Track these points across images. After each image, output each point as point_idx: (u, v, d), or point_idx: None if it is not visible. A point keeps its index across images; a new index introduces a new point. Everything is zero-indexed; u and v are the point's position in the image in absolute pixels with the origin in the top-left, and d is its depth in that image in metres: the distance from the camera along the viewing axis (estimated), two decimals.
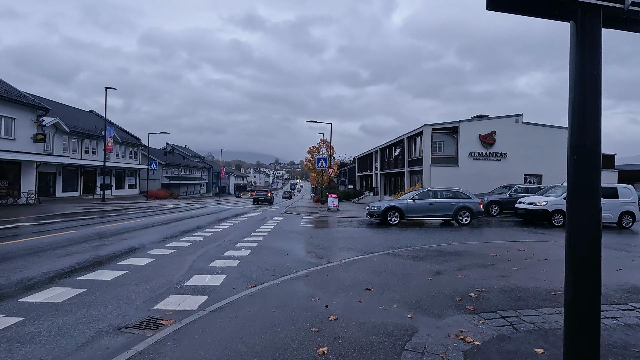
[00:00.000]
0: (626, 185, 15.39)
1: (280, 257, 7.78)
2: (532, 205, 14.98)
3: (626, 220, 14.72)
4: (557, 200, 14.62)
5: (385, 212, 14.38)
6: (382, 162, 37.67)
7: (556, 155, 24.77)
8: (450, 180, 24.13)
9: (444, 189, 15.72)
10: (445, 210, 14.63)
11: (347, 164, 78.37)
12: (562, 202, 14.38)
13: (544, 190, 16.60)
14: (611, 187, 15.08)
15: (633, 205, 14.83)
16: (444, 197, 14.96)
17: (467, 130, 24.51)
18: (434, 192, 15.25)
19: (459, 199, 14.86)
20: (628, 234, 13.23)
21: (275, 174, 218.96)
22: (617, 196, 14.73)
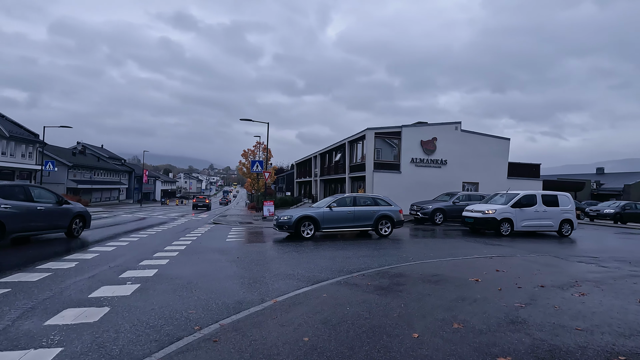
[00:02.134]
0: (565, 193, 15.36)
1: (181, 296, 5.12)
2: (480, 213, 14.18)
3: (565, 228, 14.62)
4: (504, 208, 13.99)
5: (297, 223, 11.60)
6: (321, 167, 36.04)
7: (491, 163, 25.32)
8: (392, 187, 23.13)
9: (363, 195, 13.55)
10: (365, 219, 12.48)
11: (285, 171, 76.05)
12: (510, 211, 13.92)
13: (489, 198, 16.01)
14: (552, 194, 14.92)
15: (572, 214, 14.83)
16: (364, 205, 12.77)
17: (409, 136, 23.85)
18: (352, 199, 12.83)
19: (379, 207, 12.83)
20: (568, 241, 12.94)
21: (209, 179, 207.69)
22: (557, 204, 14.57)
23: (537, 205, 14.22)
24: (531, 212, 14.11)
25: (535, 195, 14.51)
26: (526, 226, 14.08)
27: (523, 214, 13.94)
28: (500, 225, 13.71)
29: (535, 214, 14.15)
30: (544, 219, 14.26)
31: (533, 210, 14.13)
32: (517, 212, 13.90)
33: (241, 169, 38.39)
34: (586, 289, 5.47)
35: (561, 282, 5.94)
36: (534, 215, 14.14)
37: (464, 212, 15.34)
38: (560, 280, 6.02)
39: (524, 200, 14.17)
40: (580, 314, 4.26)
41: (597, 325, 3.91)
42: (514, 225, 13.79)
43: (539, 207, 14.20)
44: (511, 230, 13.81)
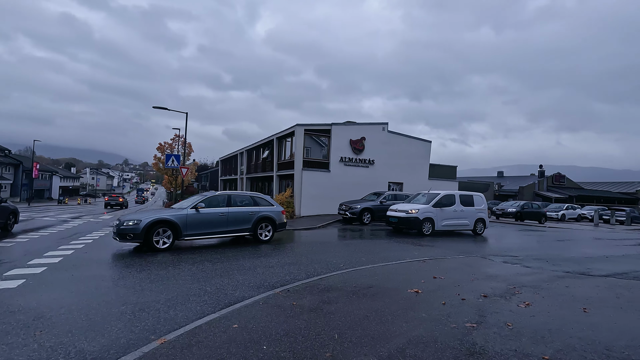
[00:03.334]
0: (479, 194, 15.89)
1: (11, 345, 3.38)
2: (404, 213, 13.93)
3: (479, 227, 15.09)
4: (427, 208, 13.95)
5: (149, 230, 8.71)
6: (248, 165, 34.09)
7: (415, 164, 26.25)
8: (322, 185, 22.49)
9: (239, 193, 11.03)
10: (242, 222, 10.31)
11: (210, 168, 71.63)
12: (432, 210, 13.91)
13: (411, 198, 16.02)
14: (469, 195, 15.34)
15: (485, 213, 15.40)
16: (241, 205, 10.58)
17: (339, 134, 23.46)
18: (226, 197, 10.41)
19: (259, 208, 10.81)
20: (483, 240, 13.39)
21: (122, 176, 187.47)
22: (473, 204, 15.04)
23: (455, 205, 14.50)
24: (450, 212, 14.32)
25: (454, 195, 14.78)
26: (446, 225, 14.23)
27: (443, 213, 14.10)
28: (423, 225, 13.63)
29: (454, 213, 14.40)
30: (461, 219, 14.61)
31: (452, 210, 14.37)
32: (438, 211, 14.00)
33: (156, 164, 34.44)
34: (528, 296, 5.07)
35: (500, 289, 5.51)
36: (453, 215, 14.37)
37: (388, 211, 15.01)
38: (499, 288, 5.59)
39: (444, 200, 14.34)
40: (538, 334, 3.68)
41: (561, 350, 3.31)
42: (435, 224, 13.86)
43: (458, 207, 14.51)
44: (432, 229, 13.83)
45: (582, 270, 7.32)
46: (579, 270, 7.32)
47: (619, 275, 6.73)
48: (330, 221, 18.35)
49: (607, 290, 5.43)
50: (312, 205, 21.99)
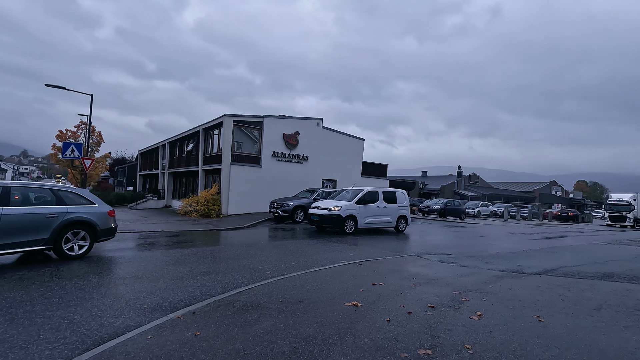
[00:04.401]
0: (402, 190, 15.59)
1: None
2: (326, 210, 12.95)
3: (401, 224, 14.73)
4: (350, 205, 13.11)
5: None
6: (171, 158, 30.94)
7: (348, 161, 26.08)
8: (252, 181, 21.00)
9: (29, 184, 7.18)
10: (30, 231, 6.52)
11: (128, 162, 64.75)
12: (355, 207, 13.15)
13: (336, 194, 15.09)
14: (392, 191, 14.88)
15: (407, 210, 15.10)
16: (29, 203, 6.82)
17: (271, 128, 22.15)
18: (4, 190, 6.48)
19: (65, 207, 7.12)
20: (403, 237, 12.99)
21: (19, 169, 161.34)
22: (396, 200, 14.66)
23: (379, 201, 13.95)
24: (373, 209, 13.70)
25: (377, 191, 14.22)
26: (369, 223, 13.56)
27: (366, 210, 13.44)
28: (345, 223, 12.79)
29: (377, 210, 13.82)
30: (384, 216, 14.07)
31: (375, 207, 13.77)
32: (361, 208, 13.30)
33: (55, 154, 29.37)
34: (476, 304, 4.50)
35: (446, 296, 4.90)
36: (376, 212, 13.78)
37: (310, 209, 13.89)
38: (444, 294, 4.98)
39: (368, 197, 13.72)
40: (501, 358, 2.98)
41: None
42: (357, 222, 13.12)
43: (381, 204, 13.98)
44: (355, 227, 13.05)
45: (515, 268, 7.21)
46: (511, 268, 7.20)
47: (549, 272, 6.68)
48: (261, 220, 17.04)
49: (549, 291, 5.14)
50: (241, 202, 20.40)
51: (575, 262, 8.23)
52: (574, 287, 5.41)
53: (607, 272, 6.75)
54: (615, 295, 4.89)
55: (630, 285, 5.50)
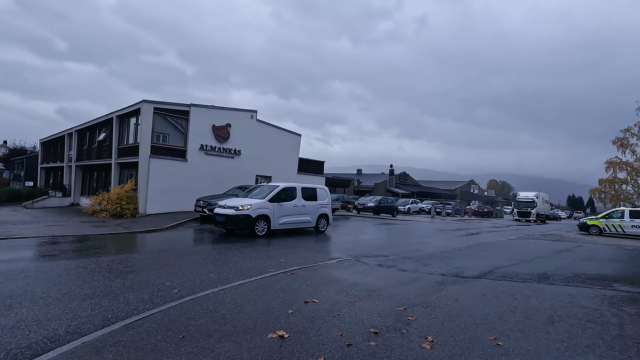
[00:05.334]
0: (323, 186, 14.58)
1: None
2: (233, 210, 11.34)
3: (322, 224, 13.60)
4: (261, 203, 11.62)
5: None
6: (79, 149, 26.85)
7: (284, 157, 25.01)
8: (176, 177, 18.85)
9: None
10: None
11: (29, 152, 55.70)
12: (267, 206, 11.69)
13: (248, 191, 13.43)
14: (312, 188, 13.69)
15: (328, 208, 14.03)
16: None
17: (199, 118, 20.13)
18: None
19: None
20: (323, 239, 11.93)
21: None
22: (316, 198, 13.48)
23: (296, 199, 12.63)
24: (290, 207, 12.35)
25: (295, 188, 12.83)
26: (285, 223, 12.22)
27: (282, 209, 12.07)
28: (256, 224, 11.33)
29: (294, 209, 12.49)
30: (302, 215, 12.80)
31: (292, 205, 12.42)
32: (276, 207, 11.89)
33: None
34: (424, 324, 3.82)
35: (390, 314, 4.17)
36: (292, 211, 12.43)
37: (215, 208, 12.13)
38: (387, 312, 4.25)
39: (284, 194, 12.32)
40: None
41: None
42: (271, 222, 11.72)
43: (299, 202, 12.67)
44: (268, 229, 11.62)
45: (454, 271, 6.88)
46: (450, 271, 6.85)
47: (488, 275, 6.43)
48: (184, 220, 15.20)
49: (495, 300, 4.72)
50: (163, 200, 18.16)
51: (507, 261, 8.26)
52: (518, 293, 5.09)
53: (541, 272, 6.72)
54: (560, 302, 4.61)
55: (568, 289, 5.36)
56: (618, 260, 8.92)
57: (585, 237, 18.17)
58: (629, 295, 4.90)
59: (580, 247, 12.48)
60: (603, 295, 4.94)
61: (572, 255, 9.90)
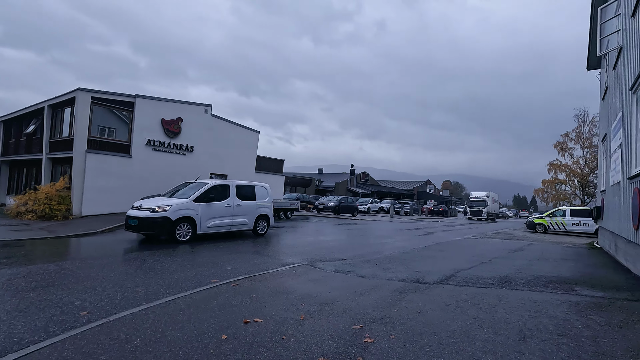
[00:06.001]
0: (263, 184, 13.19)
1: None
2: (148, 212, 9.71)
3: (261, 226, 12.35)
4: (183, 204, 10.10)
5: None
6: (5, 142, 23.82)
7: (241, 155, 23.85)
8: (119, 175, 17.13)
9: None
10: None
11: None
12: (192, 207, 10.20)
13: (174, 190, 11.58)
14: (249, 186, 12.36)
15: (269, 208, 12.74)
16: None
17: (146, 111, 18.46)
18: None
19: None
20: (262, 243, 10.80)
21: None
22: (254, 197, 12.17)
23: (229, 198, 11.27)
24: (221, 208, 10.96)
25: (228, 186, 11.46)
26: (215, 226, 10.80)
27: (211, 210, 10.65)
28: (177, 228, 9.83)
29: (226, 209, 11.11)
30: (237, 216, 11.46)
31: (224, 205, 11.04)
32: (203, 208, 10.45)
33: None
34: (383, 348, 3.23)
35: (344, 335, 3.54)
36: (225, 212, 11.06)
37: (129, 210, 10.44)
38: (340, 333, 3.62)
39: (214, 193, 10.91)
40: None
41: None
42: (197, 226, 10.27)
43: (232, 201, 11.32)
44: (193, 233, 10.16)
45: (414, 275, 6.44)
46: (411, 275, 6.41)
47: (450, 280, 6.04)
48: (124, 222, 13.69)
49: (460, 311, 4.27)
50: (102, 200, 16.38)
51: (467, 263, 8.03)
52: (483, 301, 4.69)
53: (502, 275, 6.48)
54: (528, 312, 4.26)
55: (533, 295, 5.07)
56: (569, 260, 9.06)
57: (533, 235, 18.99)
58: (593, 301, 4.69)
59: (531, 245, 12.79)
60: (568, 301, 4.69)
61: (527, 254, 9.98)
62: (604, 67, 12.56)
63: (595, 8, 11.87)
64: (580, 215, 21.43)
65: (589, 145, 47.33)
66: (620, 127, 8.31)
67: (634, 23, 7.09)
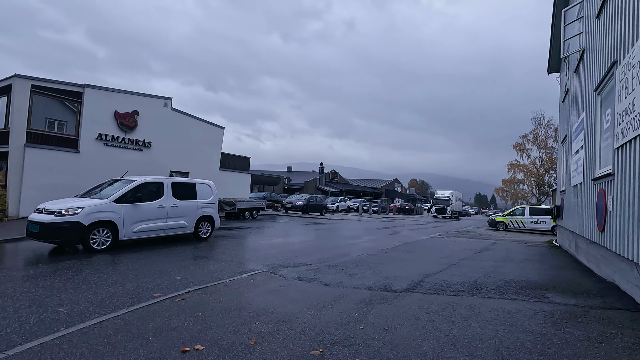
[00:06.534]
0: (206, 181, 11.64)
1: None
2: (52, 215, 8.10)
3: (204, 229, 10.99)
4: (101, 204, 8.55)
5: None
6: None
7: (204, 152, 22.70)
8: (64, 172, 15.59)
9: None
10: None
11: None
12: (113, 208, 8.65)
13: (97, 188, 9.76)
14: (189, 183, 10.91)
15: (213, 208, 11.33)
16: None
17: (97, 102, 16.95)
18: None
19: None
20: (205, 247, 9.52)
21: None
22: (195, 196, 10.79)
23: (163, 198, 9.77)
24: (152, 209, 9.45)
25: (162, 183, 9.91)
26: (143, 231, 9.25)
27: (138, 212, 9.10)
28: (92, 234, 8.26)
29: (159, 211, 9.62)
30: (174, 218, 10.02)
31: (156, 207, 9.55)
32: (128, 209, 8.88)
33: None
34: None
35: None
36: (157, 214, 9.58)
37: (31, 215, 8.65)
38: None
39: (142, 192, 9.36)
40: None
41: None
42: (120, 231, 8.72)
43: (167, 201, 9.85)
44: (113, 240, 8.59)
45: (382, 282, 6.04)
46: (378, 282, 6.00)
47: (419, 288, 5.69)
48: None
49: (432, 328, 3.87)
50: (44, 200, 14.57)
51: (435, 266, 7.77)
52: (454, 313, 4.33)
53: (472, 280, 6.22)
54: (503, 325, 3.93)
55: (505, 304, 4.79)
56: (534, 260, 9.08)
57: (495, 233, 19.45)
58: (567, 310, 4.46)
59: (495, 244, 12.92)
60: (542, 311, 4.43)
61: (493, 255, 9.95)
62: (564, 71, 12.90)
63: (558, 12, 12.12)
64: (538, 214, 22.31)
65: (544, 146, 50.04)
66: (583, 129, 8.39)
67: (599, 24, 7.09)
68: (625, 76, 5.02)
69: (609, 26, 6.26)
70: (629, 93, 4.80)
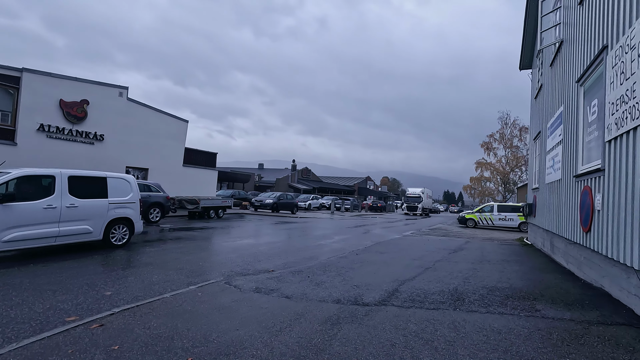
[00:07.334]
0: (124, 175, 9.46)
1: None
2: None
3: (118, 234, 8.86)
4: None
5: None
6: None
7: (166, 146, 21.16)
8: None
9: None
10: None
11: None
12: None
13: None
14: (97, 177, 8.61)
15: (132, 209, 9.12)
16: None
17: (38, 89, 15.13)
18: None
19: None
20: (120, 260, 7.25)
21: None
22: (105, 194, 8.58)
23: (53, 196, 7.55)
24: (37, 211, 7.24)
25: (53, 177, 7.69)
26: (20, 239, 6.98)
27: (13, 215, 6.90)
28: None
29: (46, 213, 7.38)
30: (70, 222, 7.77)
31: (41, 207, 7.32)
32: None
33: None
34: None
35: None
36: (44, 217, 7.34)
37: None
38: None
39: (22, 188, 7.18)
40: None
41: None
42: None
43: (60, 200, 7.63)
44: None
45: (351, 292, 5.28)
46: (348, 294, 5.23)
47: (393, 300, 4.97)
48: None
49: (409, 354, 3.11)
50: None
51: (410, 270, 7.13)
52: (437, 335, 3.63)
53: (451, 289, 5.59)
54: (496, 352, 3.27)
55: (493, 320, 4.15)
56: (511, 261, 8.69)
57: (466, 231, 19.38)
58: (564, 328, 3.87)
59: (468, 243, 12.60)
60: (537, 329, 3.81)
61: (468, 255, 9.51)
62: (536, 67, 12.73)
63: (532, 6, 11.84)
64: (506, 211, 22.60)
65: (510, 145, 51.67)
66: (561, 123, 8.04)
67: (581, 12, 6.68)
68: (620, 60, 4.51)
69: (595, 11, 5.81)
70: (627, 78, 4.29)
